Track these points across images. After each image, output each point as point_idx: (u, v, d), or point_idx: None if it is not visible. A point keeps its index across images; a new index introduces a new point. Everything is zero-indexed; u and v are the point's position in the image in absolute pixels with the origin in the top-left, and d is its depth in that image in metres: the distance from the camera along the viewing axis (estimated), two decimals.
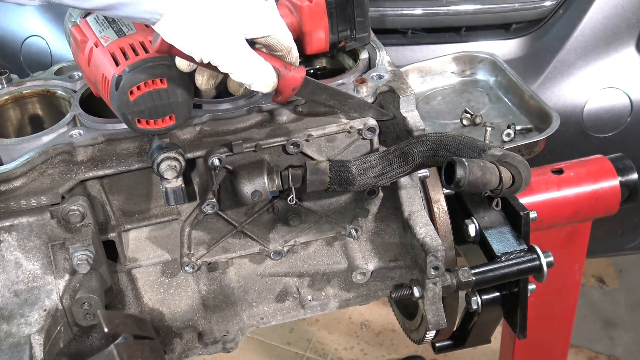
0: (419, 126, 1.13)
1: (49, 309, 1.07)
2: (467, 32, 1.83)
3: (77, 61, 1.14)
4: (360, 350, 2.60)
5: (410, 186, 1.15)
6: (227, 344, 1.24)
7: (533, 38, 1.81)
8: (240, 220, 1.17)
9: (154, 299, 1.21)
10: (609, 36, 1.77)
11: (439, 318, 1.12)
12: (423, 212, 1.14)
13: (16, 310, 1.06)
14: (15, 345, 1.02)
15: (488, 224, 1.19)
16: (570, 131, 1.74)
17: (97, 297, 1.07)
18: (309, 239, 1.21)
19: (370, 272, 1.22)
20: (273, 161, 1.13)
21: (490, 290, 1.21)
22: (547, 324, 1.55)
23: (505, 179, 0.93)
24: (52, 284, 1.08)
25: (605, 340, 2.60)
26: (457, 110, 1.44)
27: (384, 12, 1.78)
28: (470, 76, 1.53)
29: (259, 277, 1.24)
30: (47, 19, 2.01)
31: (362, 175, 1.05)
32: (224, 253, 1.19)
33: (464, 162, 0.90)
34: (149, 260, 1.18)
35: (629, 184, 1.35)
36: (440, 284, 1.09)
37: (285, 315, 1.27)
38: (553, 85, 1.77)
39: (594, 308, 2.70)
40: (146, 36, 1.06)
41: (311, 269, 1.24)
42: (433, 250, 1.06)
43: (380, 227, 1.22)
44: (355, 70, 1.22)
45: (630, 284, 2.80)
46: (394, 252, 1.22)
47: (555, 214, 1.36)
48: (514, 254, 1.14)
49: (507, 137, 1.34)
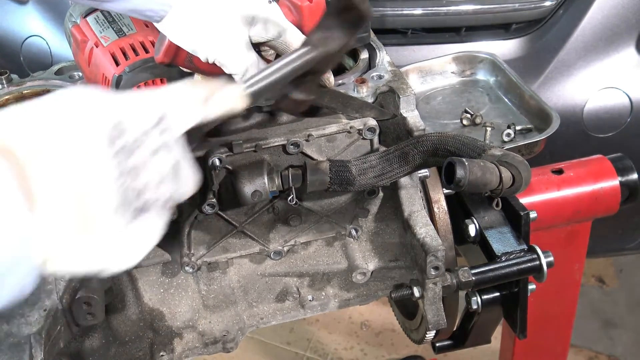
0: (419, 126, 1.14)
1: (49, 309, 1.06)
2: (467, 32, 1.83)
3: (77, 61, 1.14)
4: (360, 350, 2.60)
5: (411, 186, 1.15)
6: (227, 344, 1.24)
7: (533, 38, 1.81)
8: (240, 220, 1.17)
9: (154, 299, 1.21)
10: (609, 36, 1.77)
11: (439, 318, 1.12)
12: (423, 212, 1.14)
13: (16, 310, 1.06)
14: (15, 345, 1.02)
15: (488, 224, 1.19)
16: (570, 131, 1.74)
17: (97, 297, 1.07)
18: (309, 239, 1.21)
19: (370, 272, 1.22)
20: (273, 161, 1.13)
21: (490, 290, 1.21)
22: (547, 324, 1.55)
23: (505, 179, 0.93)
24: (52, 283, 1.08)
25: (605, 340, 2.60)
26: (457, 110, 1.44)
27: (384, 12, 1.78)
28: (470, 76, 1.53)
29: (259, 277, 1.24)
30: (47, 19, 2.01)
31: (362, 175, 1.05)
32: (224, 253, 1.19)
33: (464, 162, 0.90)
34: (148, 260, 1.18)
35: (629, 184, 1.36)
36: (440, 284, 1.09)
37: (285, 315, 1.27)
38: (553, 85, 1.77)
39: (594, 308, 2.70)
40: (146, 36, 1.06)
41: (311, 269, 1.24)
42: (433, 250, 1.06)
43: (380, 227, 1.22)
44: (355, 70, 1.22)
45: (630, 284, 2.80)
46: (394, 252, 1.22)
47: (555, 214, 1.36)
48: (514, 254, 1.15)
49: (507, 137, 1.34)
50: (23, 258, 0.64)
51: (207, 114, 0.78)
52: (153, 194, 0.71)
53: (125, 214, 0.68)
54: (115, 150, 0.66)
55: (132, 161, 0.68)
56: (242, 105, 0.83)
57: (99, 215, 0.67)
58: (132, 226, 0.70)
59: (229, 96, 0.82)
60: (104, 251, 0.70)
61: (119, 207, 0.68)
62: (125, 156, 0.67)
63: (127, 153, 0.67)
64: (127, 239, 0.71)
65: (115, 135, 0.67)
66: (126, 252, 0.72)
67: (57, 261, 0.68)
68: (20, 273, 0.65)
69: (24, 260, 0.65)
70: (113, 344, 1.21)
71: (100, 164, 0.66)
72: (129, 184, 0.67)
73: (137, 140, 0.69)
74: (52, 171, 0.64)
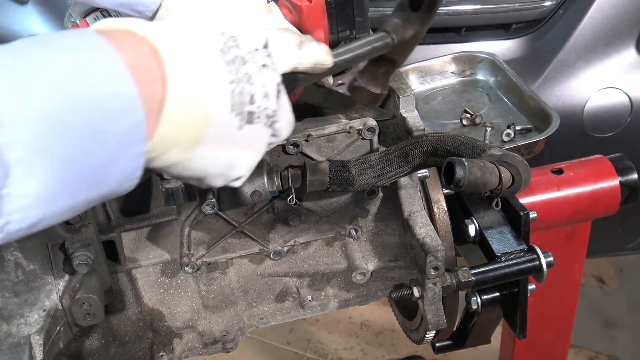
0: (418, 126, 1.14)
1: (48, 309, 1.07)
2: (467, 32, 1.83)
3: None
4: (360, 350, 2.60)
5: (410, 186, 1.15)
6: (227, 344, 1.24)
7: (533, 38, 1.81)
8: (239, 220, 1.17)
9: (154, 299, 1.21)
10: (609, 36, 1.77)
11: (438, 318, 1.11)
12: (423, 212, 1.14)
13: (16, 311, 1.06)
14: (15, 345, 1.02)
15: (488, 224, 1.19)
16: (570, 131, 1.74)
17: (97, 297, 1.07)
18: (309, 239, 1.21)
19: (370, 272, 1.22)
20: (273, 161, 1.13)
21: (490, 290, 1.21)
22: (547, 324, 1.55)
23: (504, 179, 0.93)
24: (51, 284, 1.08)
25: (605, 340, 2.61)
26: (457, 110, 1.44)
27: (383, 12, 1.78)
28: (470, 76, 1.53)
29: (259, 277, 1.24)
30: (47, 19, 2.01)
31: (361, 175, 1.05)
32: (223, 253, 1.19)
33: (463, 162, 0.90)
34: (148, 260, 1.18)
35: (629, 184, 1.35)
36: (440, 284, 1.09)
37: (285, 316, 1.27)
38: (553, 85, 1.77)
39: (594, 308, 2.70)
40: None
41: (311, 269, 1.24)
42: (433, 251, 1.06)
43: (380, 227, 1.22)
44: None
45: (630, 284, 2.80)
46: (393, 252, 1.22)
47: (555, 214, 1.36)
48: (513, 254, 1.14)
49: (507, 137, 1.34)
50: (134, 139, 0.67)
51: (300, 59, 0.84)
52: (260, 103, 0.77)
53: (237, 116, 0.75)
54: (230, 59, 0.75)
55: (244, 69, 0.75)
56: (329, 62, 0.88)
57: (215, 111, 0.73)
58: (243, 130, 0.76)
59: (319, 49, 0.86)
60: (215, 153, 0.76)
61: (234, 107, 0.74)
62: (238, 64, 0.75)
63: (239, 62, 0.75)
64: (238, 141, 0.77)
65: (230, 45, 0.75)
66: (236, 158, 0.79)
67: (168, 156, 0.73)
68: (129, 154, 0.68)
69: (135, 141, 0.68)
70: (113, 344, 1.21)
71: (217, 66, 0.74)
72: (241, 88, 0.75)
73: (249, 53, 0.77)
74: (181, 65, 0.71)
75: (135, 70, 0.67)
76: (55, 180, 0.63)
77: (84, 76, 0.64)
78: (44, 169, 0.62)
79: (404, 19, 0.97)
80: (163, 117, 0.70)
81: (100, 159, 0.66)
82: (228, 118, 0.75)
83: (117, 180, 0.69)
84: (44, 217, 0.65)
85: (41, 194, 0.63)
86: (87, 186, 0.67)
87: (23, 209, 0.62)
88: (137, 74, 0.67)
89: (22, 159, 0.60)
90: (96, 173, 0.66)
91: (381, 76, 1.01)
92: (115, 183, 0.69)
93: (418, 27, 0.96)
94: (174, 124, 0.71)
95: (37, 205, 0.64)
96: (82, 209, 0.70)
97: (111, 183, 0.68)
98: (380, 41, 0.95)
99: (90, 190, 0.67)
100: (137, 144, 0.68)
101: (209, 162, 0.77)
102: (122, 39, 0.69)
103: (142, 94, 0.67)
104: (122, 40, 0.69)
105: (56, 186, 0.64)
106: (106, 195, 0.70)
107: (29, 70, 0.62)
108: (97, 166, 0.66)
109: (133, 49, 0.69)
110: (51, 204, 0.65)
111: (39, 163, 0.62)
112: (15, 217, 0.63)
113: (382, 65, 0.99)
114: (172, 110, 0.70)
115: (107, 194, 0.70)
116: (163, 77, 0.69)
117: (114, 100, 0.65)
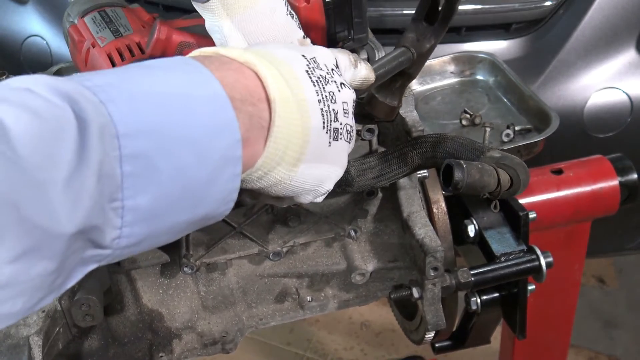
0: (417, 127, 1.13)
1: (47, 310, 1.07)
2: (467, 32, 1.82)
3: (74, 61, 1.14)
4: (360, 351, 2.60)
5: (410, 187, 1.15)
6: (226, 345, 1.24)
7: (533, 38, 1.81)
8: (239, 221, 1.17)
9: (153, 300, 1.21)
10: (609, 36, 1.77)
11: (438, 319, 1.11)
12: (422, 212, 1.14)
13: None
14: (13, 346, 1.02)
15: (487, 225, 1.19)
16: (570, 131, 1.74)
17: (96, 298, 1.07)
18: (308, 239, 1.21)
19: (370, 273, 1.22)
20: None
21: (489, 290, 1.21)
22: (547, 324, 1.55)
23: (503, 182, 0.93)
24: None
25: (605, 340, 2.60)
26: (457, 110, 1.44)
27: (383, 12, 1.78)
28: (470, 76, 1.53)
29: (258, 278, 1.24)
30: (47, 19, 2.01)
31: (361, 176, 1.05)
32: (223, 254, 1.19)
33: (461, 164, 0.90)
34: (147, 261, 1.18)
35: (629, 184, 1.35)
36: (439, 284, 1.09)
37: (284, 316, 1.27)
38: (553, 85, 1.76)
39: (594, 308, 2.70)
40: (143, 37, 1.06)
41: (310, 270, 1.24)
42: (432, 251, 1.06)
43: (379, 227, 1.22)
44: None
45: (630, 284, 2.80)
46: (393, 253, 1.22)
47: (554, 214, 1.36)
48: (513, 255, 1.14)
49: (506, 138, 1.34)
50: (232, 158, 0.70)
51: (355, 76, 0.90)
52: (342, 120, 0.82)
53: (327, 133, 0.80)
54: (315, 79, 0.80)
55: (328, 88, 0.81)
56: (373, 79, 0.93)
57: (313, 129, 0.78)
58: (332, 147, 0.81)
59: (367, 67, 0.92)
60: (312, 170, 0.81)
61: (324, 124, 0.79)
62: (323, 84, 0.80)
63: (323, 82, 0.80)
64: (328, 157, 0.82)
65: (313, 66, 0.81)
66: (326, 173, 0.83)
67: (273, 174, 0.77)
68: (227, 174, 0.70)
69: (233, 161, 0.70)
70: (112, 345, 1.21)
71: (309, 86, 0.78)
72: (328, 107, 0.80)
73: (327, 73, 0.82)
74: (282, 86, 0.76)
75: (238, 92, 0.71)
76: (163, 195, 0.64)
77: (189, 97, 0.67)
78: (153, 183, 0.63)
79: (419, 34, 0.99)
80: (271, 135, 0.74)
81: (203, 175, 0.67)
82: (322, 135, 0.79)
83: (216, 200, 0.70)
84: (149, 234, 0.66)
85: (150, 208, 0.64)
86: (190, 204, 0.68)
87: (132, 223, 0.63)
88: (239, 95, 0.71)
89: (133, 173, 0.61)
90: (198, 190, 0.68)
91: (397, 90, 1.03)
92: (215, 203, 0.70)
93: (433, 41, 0.99)
94: (280, 142, 0.75)
95: (145, 221, 0.64)
96: (181, 232, 0.71)
97: (211, 203, 0.70)
98: (403, 56, 0.98)
99: (193, 209, 0.69)
100: (234, 164, 0.70)
101: (306, 179, 0.81)
102: (223, 63, 0.75)
103: (244, 115, 0.71)
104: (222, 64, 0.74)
105: (164, 201, 0.65)
106: (204, 218, 0.71)
107: (138, 86, 0.65)
108: (199, 183, 0.67)
109: (236, 73, 0.74)
110: (157, 221, 0.65)
111: (149, 177, 0.63)
112: (125, 232, 0.63)
113: (399, 79, 1.01)
114: (279, 129, 0.74)
115: (206, 215, 0.71)
116: (267, 98, 0.74)
117: (214, 118, 0.68)
